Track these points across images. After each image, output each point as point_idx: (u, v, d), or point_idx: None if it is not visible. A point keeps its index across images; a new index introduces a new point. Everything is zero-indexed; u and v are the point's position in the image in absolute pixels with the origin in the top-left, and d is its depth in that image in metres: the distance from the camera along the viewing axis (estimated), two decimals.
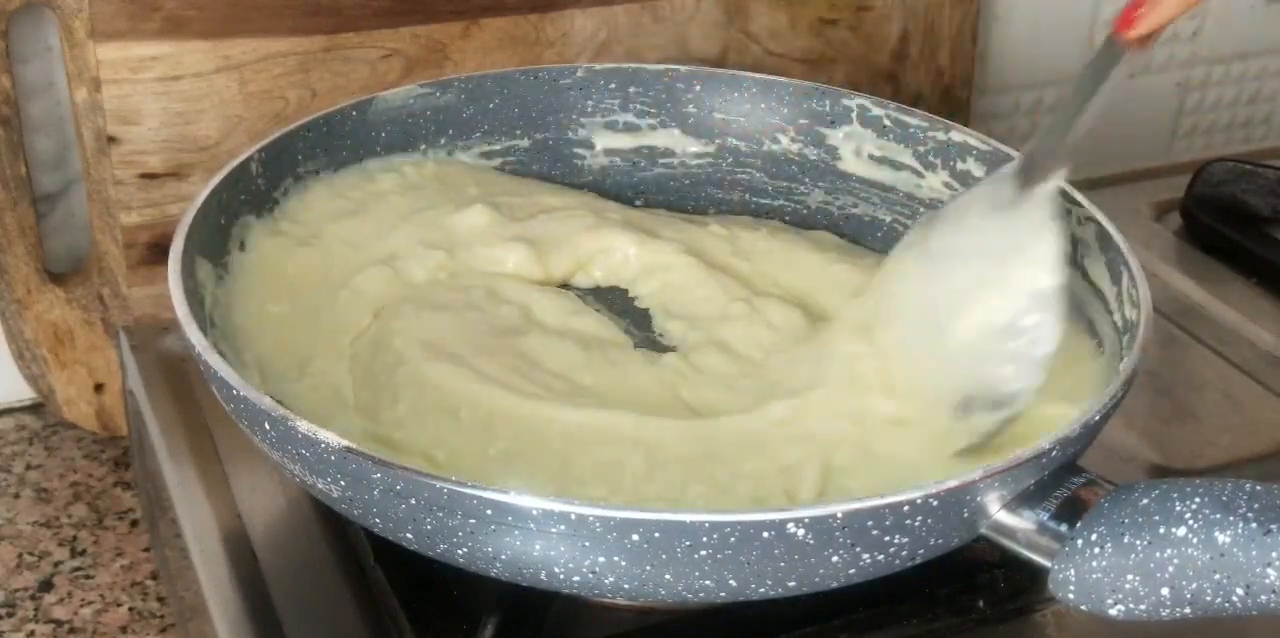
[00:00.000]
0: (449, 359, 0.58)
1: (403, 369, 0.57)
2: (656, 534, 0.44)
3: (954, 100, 0.89)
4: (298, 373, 0.58)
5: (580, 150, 0.74)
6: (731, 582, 0.46)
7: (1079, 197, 0.63)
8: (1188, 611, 0.45)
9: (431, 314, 0.61)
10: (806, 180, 0.73)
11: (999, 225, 0.57)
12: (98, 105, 0.68)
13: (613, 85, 0.73)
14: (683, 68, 0.73)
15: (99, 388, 0.75)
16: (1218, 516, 0.44)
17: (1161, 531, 0.45)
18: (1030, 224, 0.56)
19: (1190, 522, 0.44)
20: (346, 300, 0.62)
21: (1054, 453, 0.48)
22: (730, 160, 0.74)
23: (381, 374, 0.58)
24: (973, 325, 0.56)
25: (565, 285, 0.67)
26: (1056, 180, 0.56)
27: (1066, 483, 0.48)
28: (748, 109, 0.73)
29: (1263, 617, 0.44)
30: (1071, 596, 0.47)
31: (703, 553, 0.44)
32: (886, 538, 0.45)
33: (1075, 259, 0.62)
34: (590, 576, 0.46)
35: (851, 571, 0.47)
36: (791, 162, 0.73)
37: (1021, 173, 0.57)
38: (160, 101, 0.69)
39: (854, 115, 0.71)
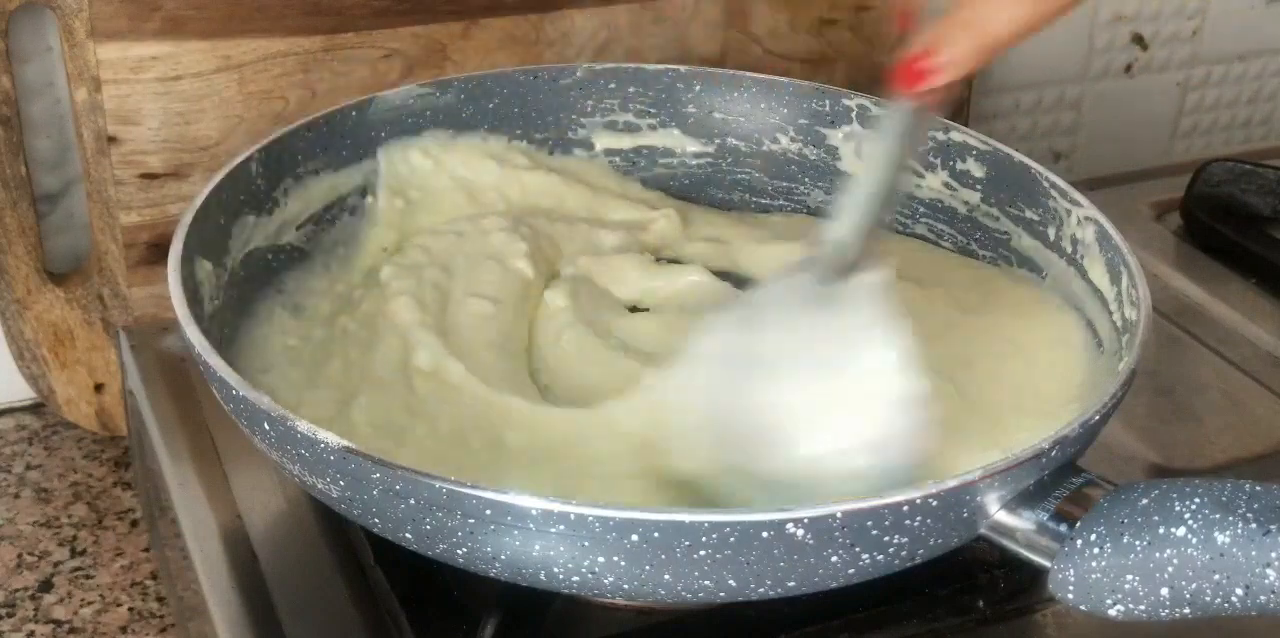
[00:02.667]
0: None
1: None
2: (656, 534, 0.44)
3: (954, 100, 0.89)
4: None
5: (580, 150, 0.74)
6: (731, 582, 0.46)
7: (1079, 196, 0.63)
8: (1187, 611, 0.45)
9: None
10: (806, 180, 0.73)
11: (831, 328, 0.51)
12: (98, 105, 0.68)
13: (613, 85, 0.73)
14: (683, 68, 0.73)
15: (99, 388, 0.75)
16: (1217, 516, 0.44)
17: (1161, 531, 0.45)
18: (865, 328, 0.50)
19: (1190, 522, 0.44)
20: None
21: (1054, 453, 0.48)
22: (730, 160, 0.74)
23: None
24: (823, 443, 0.50)
25: None
26: (879, 271, 0.51)
27: (1066, 483, 0.48)
28: (748, 109, 0.73)
29: (1263, 617, 0.44)
30: (1071, 596, 0.47)
31: (702, 553, 0.44)
32: (886, 538, 0.45)
33: (1075, 259, 0.62)
34: (590, 576, 0.46)
35: (851, 571, 0.47)
36: (791, 162, 0.73)
37: (833, 262, 0.52)
38: (160, 101, 0.69)
39: (854, 115, 0.71)
